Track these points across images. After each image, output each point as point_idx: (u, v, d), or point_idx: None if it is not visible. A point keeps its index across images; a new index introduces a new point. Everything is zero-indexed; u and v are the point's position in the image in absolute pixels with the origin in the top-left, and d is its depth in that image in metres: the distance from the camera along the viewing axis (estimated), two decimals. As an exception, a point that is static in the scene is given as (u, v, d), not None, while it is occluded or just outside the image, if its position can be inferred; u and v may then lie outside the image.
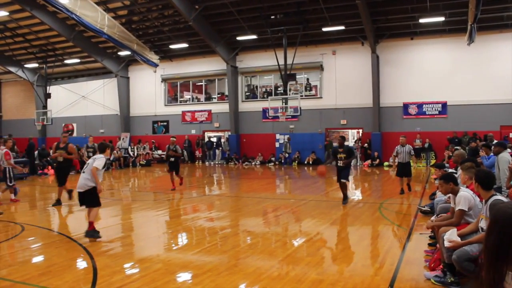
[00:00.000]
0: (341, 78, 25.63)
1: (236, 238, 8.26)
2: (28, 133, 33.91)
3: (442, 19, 22.00)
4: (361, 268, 6.16)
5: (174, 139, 15.63)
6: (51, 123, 33.90)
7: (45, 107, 34.06)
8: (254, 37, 25.80)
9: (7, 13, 25.53)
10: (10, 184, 12.61)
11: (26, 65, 34.08)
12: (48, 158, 22.80)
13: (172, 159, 15.12)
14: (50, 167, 22.62)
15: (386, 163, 23.93)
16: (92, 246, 7.48)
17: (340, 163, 11.55)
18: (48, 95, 34.54)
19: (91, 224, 7.93)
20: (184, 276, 5.85)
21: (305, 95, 26.71)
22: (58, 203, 12.04)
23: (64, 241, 8.03)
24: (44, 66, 33.28)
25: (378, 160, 24.13)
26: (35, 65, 33.81)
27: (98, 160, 7.94)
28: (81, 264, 6.51)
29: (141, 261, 6.59)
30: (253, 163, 27.31)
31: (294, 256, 6.79)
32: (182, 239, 8.41)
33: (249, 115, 28.17)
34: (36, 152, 23.87)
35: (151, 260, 6.60)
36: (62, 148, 12.18)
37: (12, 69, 33.82)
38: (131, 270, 6.22)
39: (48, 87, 34.96)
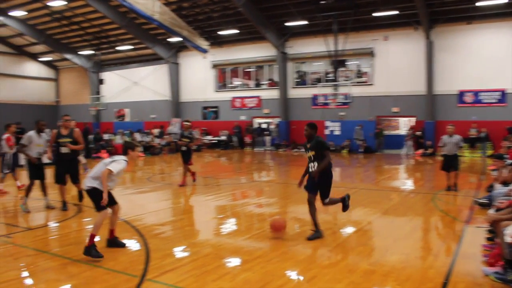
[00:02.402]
0: (393, 64, 24.94)
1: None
2: (83, 118, 35.16)
3: (503, 1, 20.87)
4: (414, 260, 6.00)
5: (189, 123, 13.42)
6: (105, 108, 34.95)
7: (98, 92, 35.14)
8: (304, 22, 25.47)
9: (65, 3, 26.42)
10: (10, 171, 11.94)
11: (81, 52, 35.17)
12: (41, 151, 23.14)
13: (185, 148, 13.03)
14: (104, 150, 23.26)
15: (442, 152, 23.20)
16: (144, 228, 7.65)
17: (311, 168, 7.10)
18: (101, 81, 35.65)
19: (91, 237, 5.97)
20: (234, 262, 5.88)
21: (356, 82, 26.19)
22: (65, 206, 9.48)
23: (117, 222, 8.23)
24: (98, 53, 34.26)
25: (431, 150, 23.43)
26: (89, 52, 34.81)
27: (116, 163, 6.14)
28: (134, 245, 6.66)
29: (191, 245, 6.68)
30: (302, 150, 27.14)
31: (344, 245, 6.69)
32: (231, 224, 8.45)
33: (299, 101, 27.95)
34: (91, 136, 24.65)
35: (201, 245, 6.67)
36: (66, 135, 9.35)
37: (68, 56, 35.07)
38: (182, 254, 6.32)
39: (101, 73, 36.07)
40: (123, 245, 6.48)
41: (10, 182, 12.40)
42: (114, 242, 6.45)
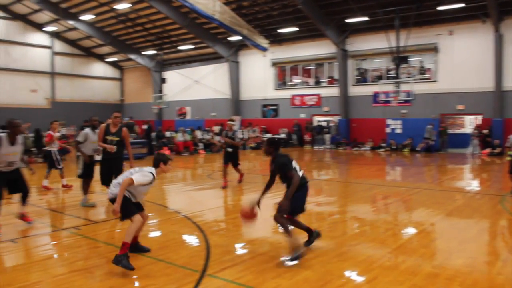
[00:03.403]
0: (458, 60, 24.00)
1: (345, 225, 8.13)
2: (146, 116, 36.34)
3: None
4: (482, 264, 5.76)
5: (233, 122, 12.66)
6: (167, 106, 35.88)
7: (161, 91, 36.16)
8: (364, 19, 25.00)
9: (130, 5, 27.55)
10: (59, 167, 12.02)
11: (144, 52, 36.34)
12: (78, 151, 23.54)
13: (230, 149, 12.30)
14: (166, 148, 23.88)
15: (510, 152, 22.08)
16: (205, 224, 7.79)
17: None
18: (163, 80, 36.67)
19: (123, 246, 5.40)
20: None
21: (418, 79, 25.42)
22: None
23: (178, 218, 8.45)
24: (160, 52, 35.26)
25: (499, 149, 22.37)
26: (152, 52, 35.90)
27: (142, 175, 5.64)
28: (195, 241, 6.81)
29: (250, 242, 6.74)
30: (362, 148, 26.71)
31: (406, 246, 6.52)
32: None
33: (359, 99, 27.51)
34: (153, 134, 25.39)
35: (260, 242, 6.73)
36: (114, 133, 8.95)
37: (132, 56, 36.40)
38: (241, 251, 6.40)
39: (163, 73, 37.13)
40: (147, 250, 6.16)
41: (58, 178, 12.58)
42: (136, 248, 6.05)
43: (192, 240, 6.86)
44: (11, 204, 9.18)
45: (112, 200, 5.62)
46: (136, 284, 5.13)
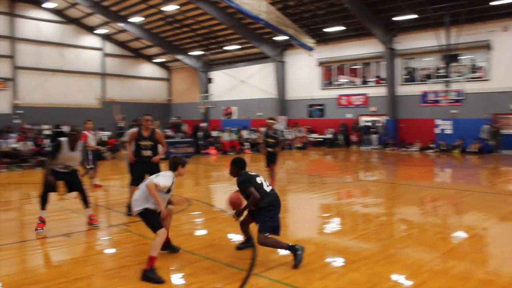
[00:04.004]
0: (514, 57, 23.10)
1: (392, 227, 7.99)
2: (193, 115, 36.91)
3: None
4: (538, 271, 5.53)
5: (273, 121, 11.80)
6: (214, 106, 36.29)
7: (207, 91, 36.62)
8: (413, 16, 24.43)
9: (177, 7, 28.13)
10: (89, 167, 11.46)
11: (191, 53, 36.90)
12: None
13: (270, 148, 11.61)
14: (212, 147, 24.19)
15: None
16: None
17: None
18: (210, 80, 37.13)
19: (149, 260, 5.23)
20: (340, 261, 5.82)
21: (470, 77, 24.62)
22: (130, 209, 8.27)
23: (224, 217, 8.54)
24: (207, 53, 35.72)
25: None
26: (199, 52, 36.40)
27: (163, 177, 5.56)
28: (241, 240, 6.84)
29: (296, 243, 6.69)
30: (410, 149, 26.14)
31: (457, 251, 6.34)
32: (336, 224, 8.37)
33: (407, 99, 26.92)
34: (200, 134, 25.73)
35: (307, 243, 6.67)
36: (147, 137, 8.41)
37: (179, 57, 37.05)
38: (287, 251, 6.38)
39: (210, 73, 37.60)
40: (177, 250, 6.14)
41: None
42: (168, 246, 6.07)
43: (238, 239, 6.91)
44: (64, 200, 9.54)
45: (142, 214, 5.51)
46: (183, 281, 5.23)
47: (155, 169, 7.94)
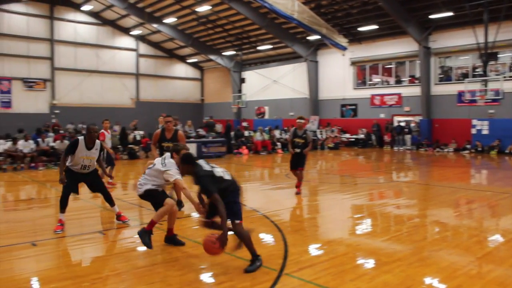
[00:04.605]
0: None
1: (425, 229, 7.85)
2: (225, 115, 37.13)
3: None
4: None
5: (302, 121, 11.20)
6: (246, 106, 36.44)
7: (240, 91, 36.80)
8: (449, 14, 23.92)
9: (210, 7, 28.37)
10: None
11: (223, 53, 37.13)
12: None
13: (298, 150, 10.90)
14: (244, 146, 24.28)
15: None
16: (282, 224, 7.85)
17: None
18: (242, 80, 37.31)
19: (150, 223, 6.07)
20: (372, 263, 5.76)
21: (509, 76, 23.91)
22: (180, 204, 8.71)
23: (256, 216, 8.57)
24: (240, 53, 35.88)
25: None
26: (231, 52, 36.60)
27: (176, 171, 6.06)
28: (272, 240, 6.87)
29: (328, 243, 6.70)
30: (445, 149, 25.62)
31: (494, 255, 6.19)
32: (368, 225, 8.29)
33: (443, 98, 26.38)
34: (232, 133, 25.89)
35: (338, 243, 6.67)
36: (170, 139, 8.54)
37: (212, 57, 37.34)
38: (319, 251, 6.37)
39: (242, 73, 37.77)
40: (182, 244, 6.42)
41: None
42: (173, 240, 6.45)
43: (269, 238, 6.93)
44: (97, 198, 9.73)
45: (144, 196, 6.34)
46: (213, 280, 5.27)
47: None
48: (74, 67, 33.78)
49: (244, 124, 29.87)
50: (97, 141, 7.55)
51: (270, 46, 33.88)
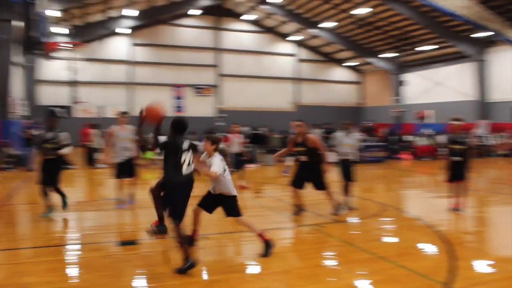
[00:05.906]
0: None
1: None
2: (384, 119, 36.13)
3: None
4: None
5: (458, 122, 9.43)
6: (407, 109, 35.10)
7: (399, 94, 35.56)
8: None
9: (370, 9, 28.00)
10: (231, 170, 10.90)
11: (382, 55, 36.17)
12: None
13: (457, 157, 9.14)
14: (404, 152, 23.28)
15: None
16: (447, 234, 7.32)
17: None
18: (402, 83, 35.95)
19: (259, 235, 6.22)
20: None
21: None
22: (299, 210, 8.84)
23: (418, 225, 8.17)
24: (400, 54, 34.65)
25: None
26: (391, 54, 35.47)
27: (218, 165, 5.89)
28: (436, 251, 6.47)
29: (500, 260, 6.09)
30: None
31: None
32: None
33: None
34: (393, 138, 25.06)
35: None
36: (300, 143, 8.56)
37: (370, 60, 36.77)
38: (491, 269, 5.80)
39: (402, 75, 36.40)
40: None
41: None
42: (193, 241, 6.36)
43: (432, 249, 6.54)
44: (262, 198, 10.10)
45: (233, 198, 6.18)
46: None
47: (315, 174, 8.45)
48: (237, 73, 36.10)
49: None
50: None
51: (432, 47, 32.03)
